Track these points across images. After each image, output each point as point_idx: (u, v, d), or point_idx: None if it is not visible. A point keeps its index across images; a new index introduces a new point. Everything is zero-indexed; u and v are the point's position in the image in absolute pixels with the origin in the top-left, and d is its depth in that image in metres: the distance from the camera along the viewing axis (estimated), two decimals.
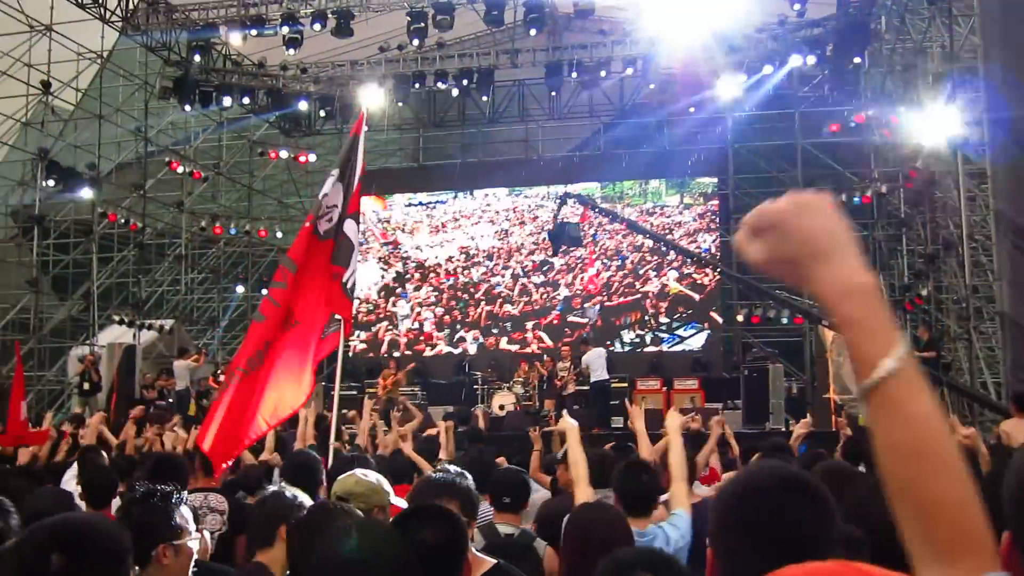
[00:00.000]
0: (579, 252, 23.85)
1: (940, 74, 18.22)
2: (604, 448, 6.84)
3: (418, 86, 23.51)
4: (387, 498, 3.95)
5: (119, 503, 3.99)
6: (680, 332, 23.91)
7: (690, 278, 23.92)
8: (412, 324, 25.51)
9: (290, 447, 8.16)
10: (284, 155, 26.39)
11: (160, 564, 3.12)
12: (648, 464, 5.14)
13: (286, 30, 20.79)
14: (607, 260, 24.59)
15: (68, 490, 5.97)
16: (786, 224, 1.35)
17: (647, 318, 24.10)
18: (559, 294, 24.76)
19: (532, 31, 21.03)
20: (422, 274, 25.78)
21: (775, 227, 1.36)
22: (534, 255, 25.00)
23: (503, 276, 25.25)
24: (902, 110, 19.93)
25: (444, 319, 25.30)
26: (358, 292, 24.98)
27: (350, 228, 6.72)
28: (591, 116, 26.33)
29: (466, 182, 26.11)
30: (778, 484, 2.00)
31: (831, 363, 16.90)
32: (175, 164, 24.60)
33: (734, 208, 24.19)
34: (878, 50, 21.81)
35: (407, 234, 26.18)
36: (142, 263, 26.36)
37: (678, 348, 23.83)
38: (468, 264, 25.62)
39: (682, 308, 23.97)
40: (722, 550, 2.04)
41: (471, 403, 19.14)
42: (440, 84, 23.31)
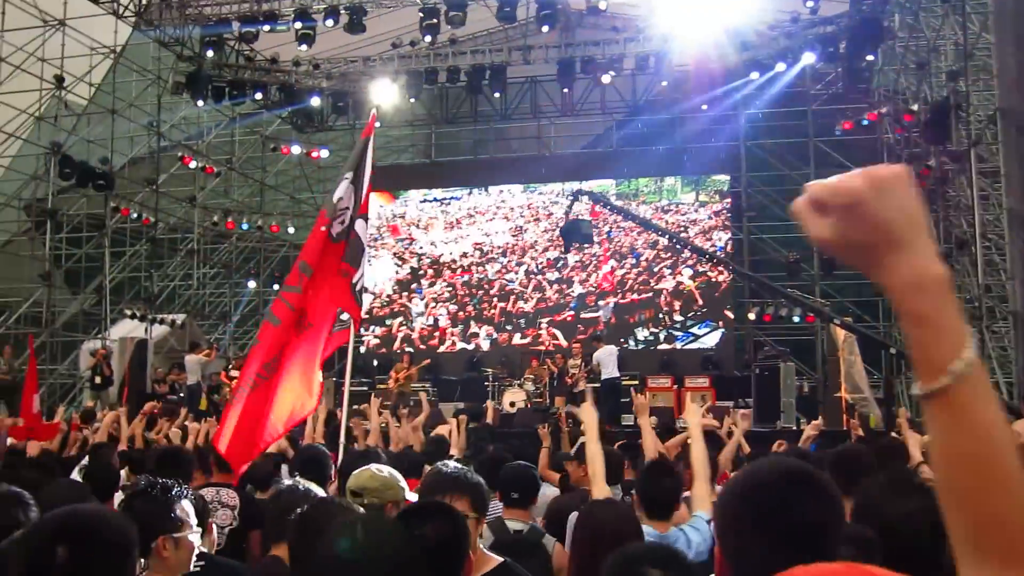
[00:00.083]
0: (593, 249, 23.75)
1: (953, 72, 18.17)
2: (611, 447, 6.80)
3: (430, 82, 23.50)
4: (402, 494, 3.89)
5: (121, 496, 3.99)
6: (694, 330, 23.80)
7: (705, 276, 23.81)
8: (427, 320, 25.48)
9: (299, 442, 8.16)
10: (296, 151, 26.41)
11: (160, 556, 3.14)
12: (671, 467, 5.08)
13: (299, 26, 20.81)
14: (621, 257, 24.50)
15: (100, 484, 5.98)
16: (862, 207, 1.22)
17: (661, 316, 24.01)
18: (573, 291, 24.68)
19: (544, 28, 21.00)
20: (436, 270, 25.75)
21: (848, 209, 1.23)
22: (548, 252, 24.93)
23: (517, 273, 25.21)
24: (915, 108, 19.87)
25: (458, 315, 25.28)
26: (373, 287, 25.12)
27: (360, 228, 6.70)
28: (603, 113, 26.25)
29: (478, 179, 26.06)
30: (782, 477, 2.00)
31: (842, 362, 16.82)
32: (187, 159, 24.67)
33: (747, 206, 24.17)
34: (891, 48, 21.74)
35: (421, 230, 26.13)
36: (154, 258, 26.44)
37: (693, 346, 23.71)
38: (482, 260, 25.56)
39: (696, 306, 23.89)
40: (729, 547, 2.04)
41: (482, 400, 19.07)
42: (452, 80, 23.32)
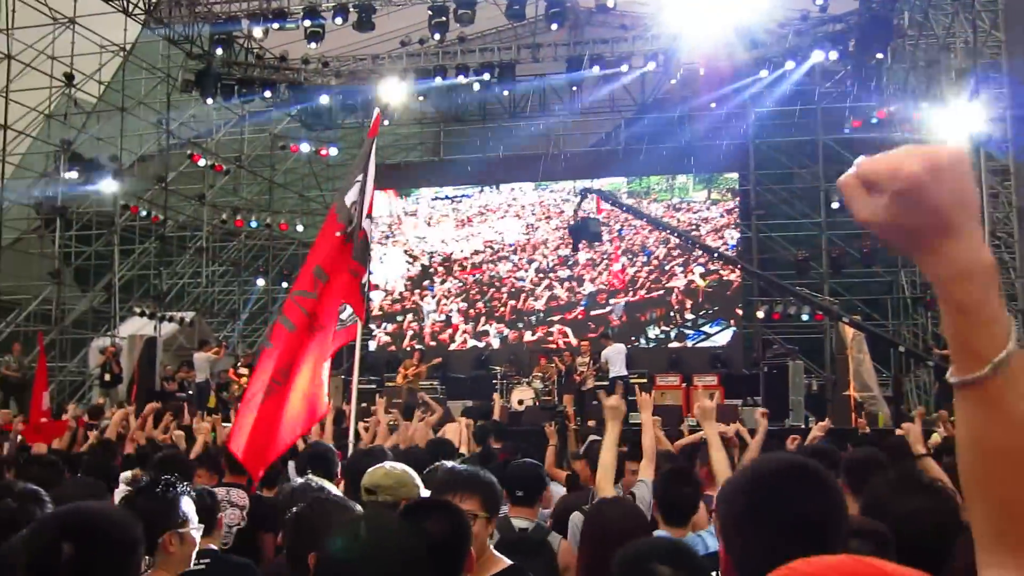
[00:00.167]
0: (605, 247, 23.75)
1: (963, 70, 18.11)
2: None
3: (439, 80, 23.48)
4: (417, 491, 3.83)
5: (123, 493, 4.01)
6: (706, 329, 23.74)
7: (716, 274, 23.74)
8: (438, 317, 25.44)
9: (307, 439, 8.17)
10: (305, 148, 26.43)
11: (166, 552, 3.19)
12: (690, 474, 5.06)
13: (308, 24, 20.85)
14: (633, 255, 24.43)
15: (100, 481, 6.00)
16: (919, 192, 1.17)
17: (672, 314, 23.96)
18: (584, 290, 24.63)
19: (553, 26, 21.00)
20: (447, 268, 25.73)
21: (904, 193, 1.18)
22: (559, 250, 24.88)
23: (527, 271, 25.19)
24: (924, 106, 19.79)
25: (469, 312, 25.27)
26: (384, 284, 25.15)
27: (367, 227, 6.74)
28: (612, 111, 26.23)
29: (487, 177, 26.00)
30: (782, 472, 2.00)
31: (851, 360, 16.78)
32: (197, 157, 24.71)
33: (755, 204, 24.13)
34: (901, 46, 21.67)
35: (432, 228, 26.12)
36: (163, 255, 26.48)
37: (703, 345, 23.61)
38: (493, 258, 25.55)
39: (708, 304, 23.83)
40: (731, 543, 2.04)
41: (490, 398, 18.98)
42: (461, 78, 23.30)
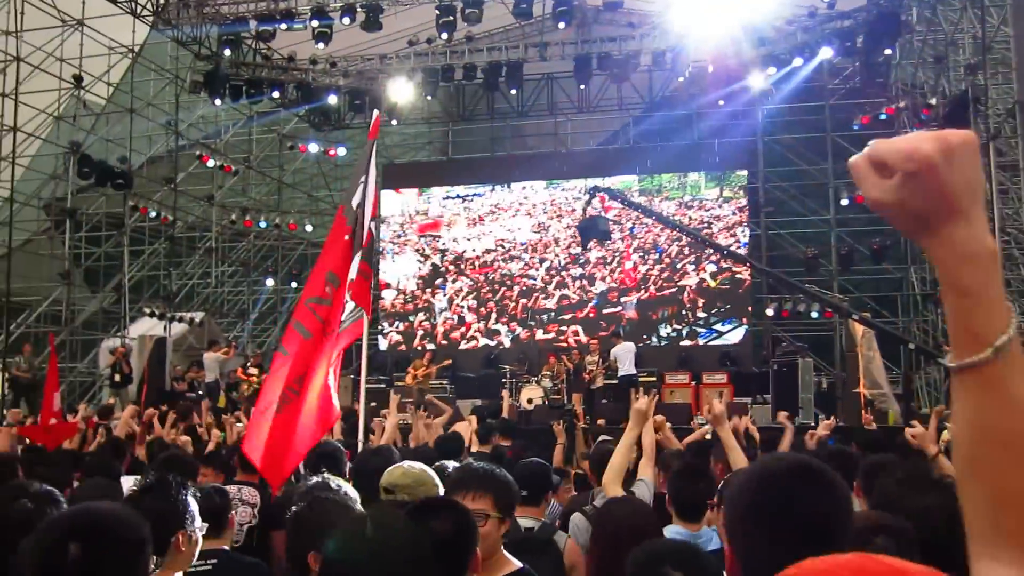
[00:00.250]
0: (616, 245, 23.73)
1: (972, 65, 18.06)
2: (610, 445, 6.78)
3: (447, 80, 23.49)
4: (435, 490, 3.84)
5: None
6: (718, 327, 23.68)
7: (728, 272, 23.68)
8: (450, 315, 25.39)
9: None
10: (314, 149, 26.43)
11: (177, 551, 3.20)
12: (703, 469, 5.08)
13: (315, 24, 20.88)
14: (645, 253, 24.36)
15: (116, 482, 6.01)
16: (931, 175, 1.18)
17: (684, 312, 23.91)
18: (595, 288, 24.58)
19: (561, 24, 20.99)
20: (458, 267, 25.70)
21: (915, 175, 1.18)
22: (571, 248, 24.81)
23: (538, 269, 25.17)
24: (933, 102, 19.75)
25: (480, 311, 25.23)
26: (396, 283, 25.18)
27: (373, 228, 6.80)
28: (620, 109, 26.19)
29: (495, 175, 26.00)
30: (787, 471, 2.01)
31: (861, 357, 16.75)
32: (206, 158, 24.74)
33: (764, 201, 24.09)
34: (909, 42, 21.62)
35: (444, 226, 26.07)
36: (173, 256, 26.50)
37: (714, 343, 23.53)
38: (505, 256, 25.51)
39: (720, 302, 23.76)
40: (737, 542, 2.05)
41: (500, 397, 18.99)
42: (469, 78, 23.31)
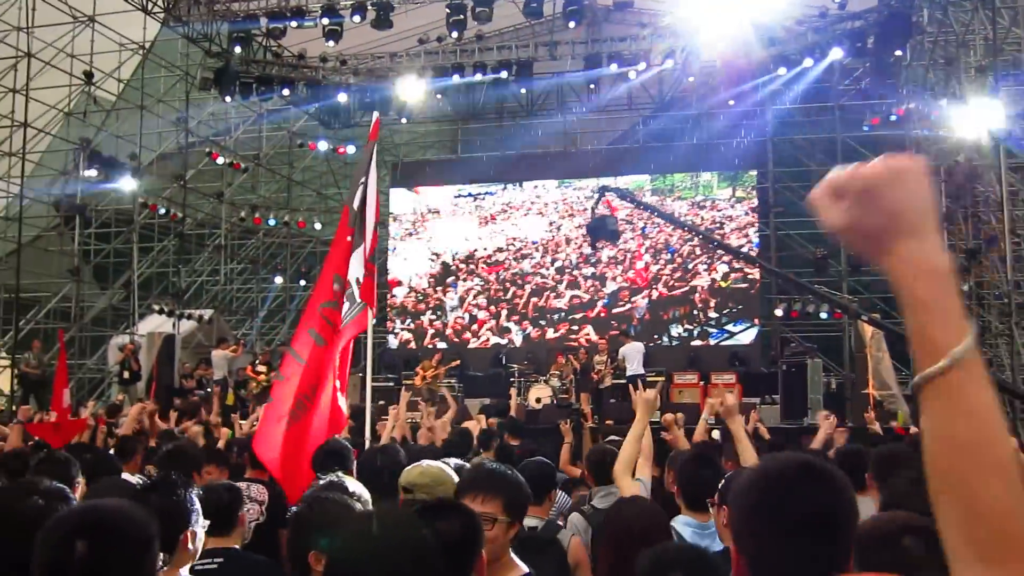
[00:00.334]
0: (628, 245, 23.70)
1: (983, 67, 18.00)
2: (606, 444, 6.78)
3: (457, 78, 23.47)
4: (454, 489, 3.79)
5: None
6: (729, 327, 23.63)
7: (740, 272, 23.64)
8: (462, 314, 25.35)
9: None
10: (323, 147, 26.45)
11: (185, 549, 3.22)
12: (711, 458, 5.09)
13: (326, 22, 20.90)
14: (656, 253, 24.30)
15: (130, 480, 6.03)
16: (877, 193, 1.25)
17: (696, 312, 23.85)
18: (606, 288, 24.52)
19: (571, 23, 20.98)
20: (468, 267, 25.70)
21: (864, 194, 1.26)
22: (583, 248, 24.74)
23: (549, 268, 25.12)
24: (944, 103, 19.69)
25: (490, 309, 25.18)
26: (408, 281, 25.21)
27: (371, 227, 6.82)
28: (630, 109, 26.16)
29: (505, 174, 25.94)
30: (791, 469, 2.02)
31: (870, 358, 16.71)
32: (215, 155, 24.81)
33: (774, 202, 24.05)
34: (920, 43, 21.54)
35: (456, 225, 26.07)
36: (182, 253, 26.59)
37: (724, 343, 23.49)
38: (516, 255, 25.44)
39: (732, 303, 23.68)
40: (743, 541, 2.05)
41: (507, 396, 19.01)
42: (479, 76, 23.28)
